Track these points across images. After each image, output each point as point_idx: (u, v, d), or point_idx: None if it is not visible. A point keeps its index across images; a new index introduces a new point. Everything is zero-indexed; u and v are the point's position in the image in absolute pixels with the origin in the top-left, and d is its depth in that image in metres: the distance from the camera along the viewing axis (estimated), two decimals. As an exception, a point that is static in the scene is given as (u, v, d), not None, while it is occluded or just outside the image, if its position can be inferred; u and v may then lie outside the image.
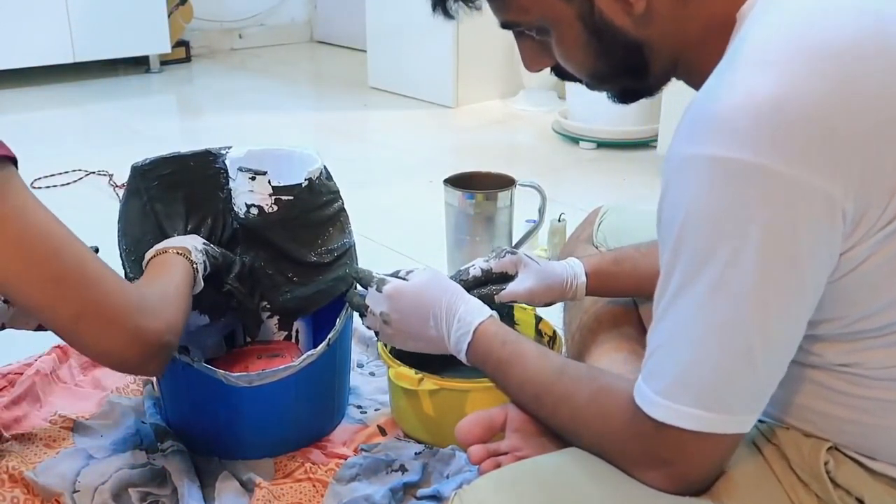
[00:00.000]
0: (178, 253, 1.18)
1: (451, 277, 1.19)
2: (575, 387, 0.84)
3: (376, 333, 1.09)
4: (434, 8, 0.85)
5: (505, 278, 1.22)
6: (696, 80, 0.80)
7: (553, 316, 1.43)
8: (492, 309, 1.18)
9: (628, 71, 0.82)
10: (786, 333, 0.71)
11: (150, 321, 0.99)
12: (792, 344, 0.72)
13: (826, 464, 0.77)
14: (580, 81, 0.87)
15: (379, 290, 1.06)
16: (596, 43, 0.79)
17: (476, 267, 1.22)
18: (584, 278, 1.21)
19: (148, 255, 1.21)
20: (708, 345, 0.70)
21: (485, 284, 1.22)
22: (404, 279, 1.07)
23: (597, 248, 1.32)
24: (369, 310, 1.07)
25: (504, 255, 1.22)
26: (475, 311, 0.99)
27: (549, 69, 0.87)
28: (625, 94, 0.87)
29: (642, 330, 1.24)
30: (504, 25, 0.84)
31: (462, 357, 0.99)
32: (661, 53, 0.79)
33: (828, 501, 0.77)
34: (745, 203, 0.66)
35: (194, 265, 1.19)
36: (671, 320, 0.72)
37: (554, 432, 0.88)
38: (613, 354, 1.18)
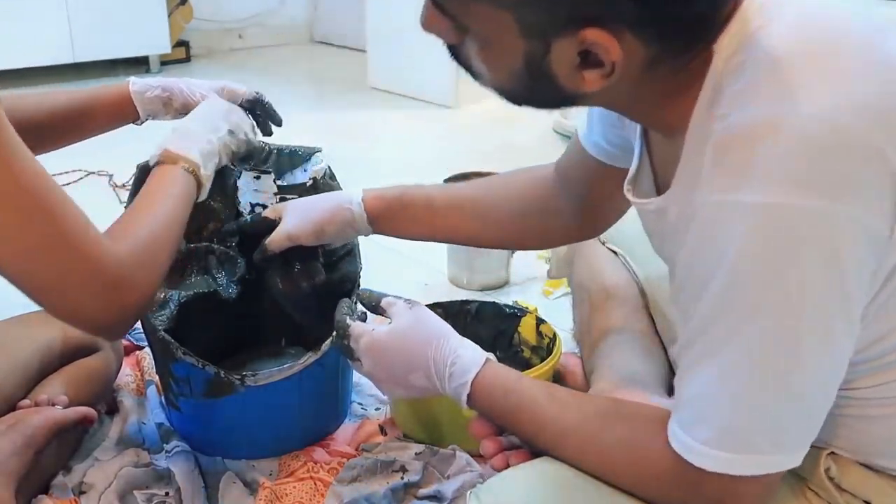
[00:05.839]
0: (186, 170, 1.06)
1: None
2: (601, 425, 0.80)
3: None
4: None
5: (271, 229, 1.19)
6: (648, 119, 0.80)
7: (554, 317, 1.43)
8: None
9: (547, 104, 0.79)
10: (839, 371, 0.69)
11: (131, 284, 0.88)
12: (841, 376, 0.70)
13: (828, 470, 0.77)
14: (472, 74, 0.77)
15: (356, 342, 0.97)
16: (528, 80, 0.73)
17: (232, 224, 1.26)
18: (359, 198, 1.15)
19: (156, 156, 1.06)
20: (761, 392, 0.67)
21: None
22: (386, 319, 0.99)
23: (602, 243, 1.30)
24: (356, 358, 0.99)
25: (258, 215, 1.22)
26: (469, 361, 0.89)
27: (442, 42, 0.76)
28: (523, 106, 0.80)
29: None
30: (435, 3, 0.72)
31: (463, 405, 0.91)
32: (594, 102, 0.79)
33: None
34: (796, 248, 0.63)
35: (200, 183, 1.08)
36: (714, 368, 0.69)
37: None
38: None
